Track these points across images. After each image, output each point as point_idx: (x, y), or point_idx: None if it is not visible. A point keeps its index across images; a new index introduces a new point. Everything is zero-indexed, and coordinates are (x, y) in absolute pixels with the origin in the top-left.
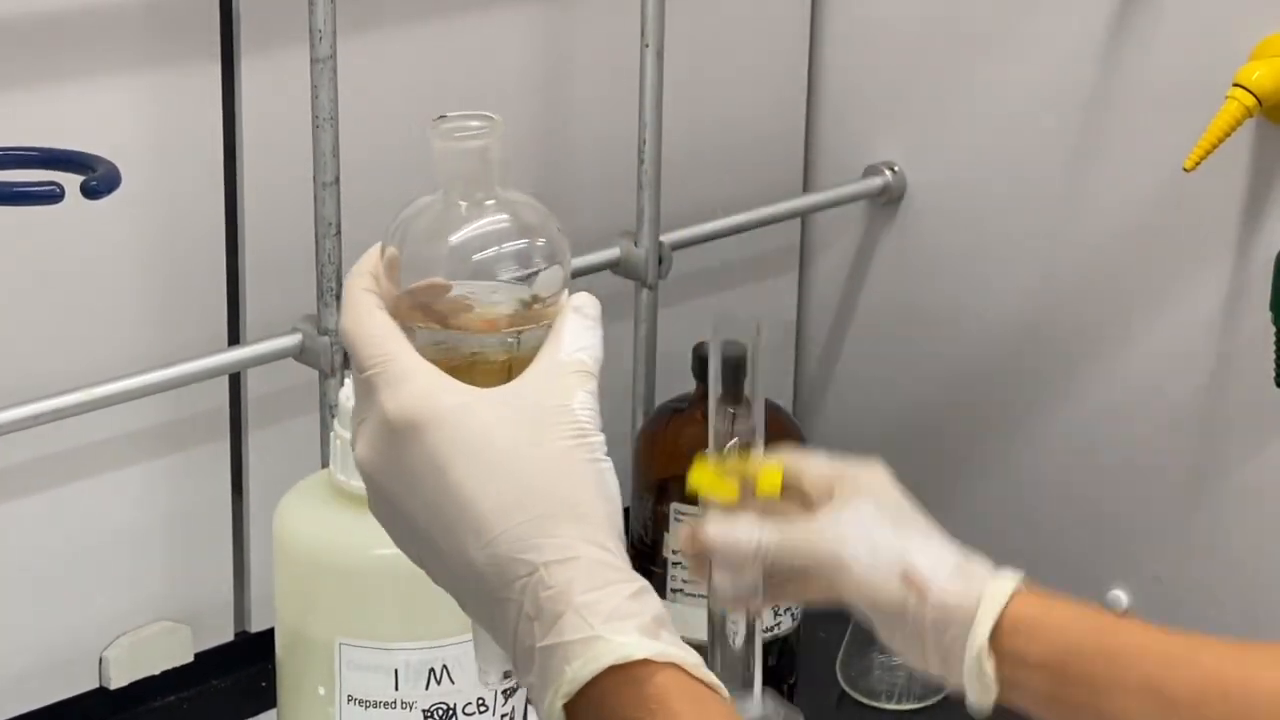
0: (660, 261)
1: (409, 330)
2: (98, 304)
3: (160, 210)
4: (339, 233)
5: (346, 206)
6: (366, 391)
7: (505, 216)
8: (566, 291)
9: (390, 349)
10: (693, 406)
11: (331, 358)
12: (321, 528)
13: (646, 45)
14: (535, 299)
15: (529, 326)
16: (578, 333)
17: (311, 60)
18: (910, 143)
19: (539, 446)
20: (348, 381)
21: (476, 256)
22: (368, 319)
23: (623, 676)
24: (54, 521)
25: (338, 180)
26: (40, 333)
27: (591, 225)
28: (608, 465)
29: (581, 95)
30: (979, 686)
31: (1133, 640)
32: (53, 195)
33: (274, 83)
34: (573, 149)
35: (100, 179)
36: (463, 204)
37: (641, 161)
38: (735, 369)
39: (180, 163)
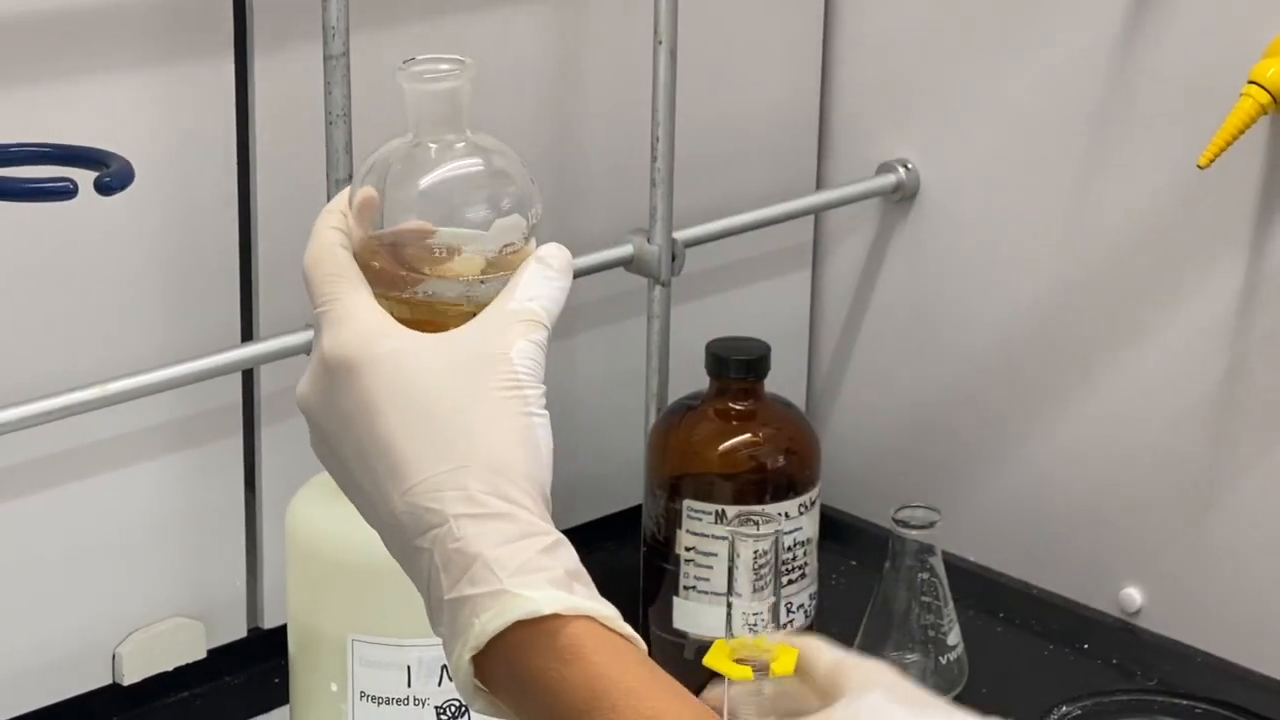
0: (673, 259)
1: (371, 273)
2: (111, 300)
3: (174, 206)
4: None
5: None
6: (315, 330)
7: (475, 160)
8: (534, 241)
9: (339, 290)
10: (705, 403)
11: None
12: (333, 524)
13: (660, 42)
14: (503, 247)
15: (492, 275)
16: (534, 282)
17: (325, 57)
18: (923, 140)
19: (469, 396)
20: None
21: (443, 200)
22: (327, 257)
23: (534, 629)
24: (67, 517)
25: (351, 176)
26: (54, 329)
27: (604, 222)
28: (541, 419)
29: (594, 92)
30: None
31: None
32: (66, 191)
33: (287, 79)
34: (586, 146)
35: (114, 175)
36: (432, 146)
37: (654, 159)
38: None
39: (194, 159)
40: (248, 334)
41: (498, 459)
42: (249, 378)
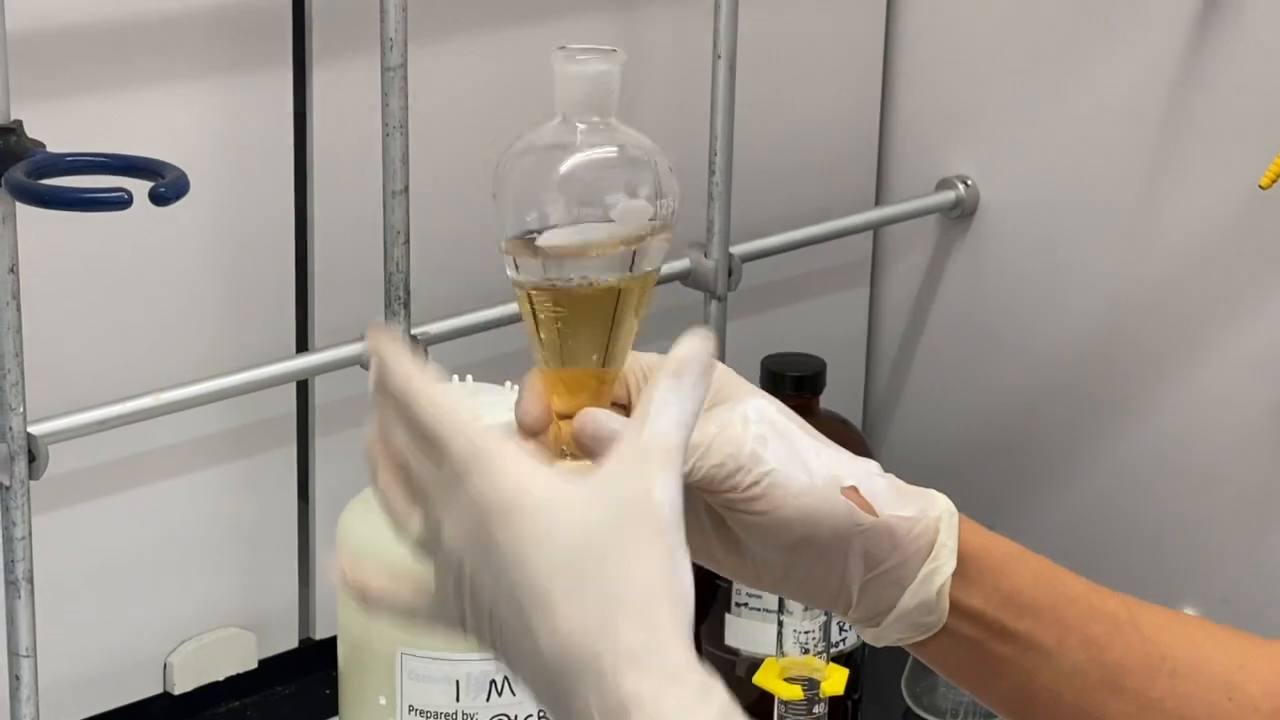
0: (730, 274)
1: (517, 266)
2: (168, 308)
3: (231, 216)
4: (408, 241)
5: (415, 215)
6: (454, 472)
7: (618, 146)
8: (668, 231)
9: (478, 433)
10: None
11: None
12: (384, 536)
13: (719, 56)
14: (652, 230)
15: (632, 266)
16: (664, 405)
17: (382, 68)
18: (984, 157)
19: (615, 544)
20: None
21: (586, 180)
22: (442, 398)
23: None
24: (121, 525)
25: (407, 189)
26: (110, 337)
27: None
28: (683, 560)
29: (652, 105)
30: (915, 625)
31: (1075, 594)
32: (121, 202)
33: (345, 90)
34: None
35: (169, 186)
36: (580, 127)
37: (712, 173)
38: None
39: (251, 169)
40: (303, 344)
41: (648, 604)
42: (304, 388)
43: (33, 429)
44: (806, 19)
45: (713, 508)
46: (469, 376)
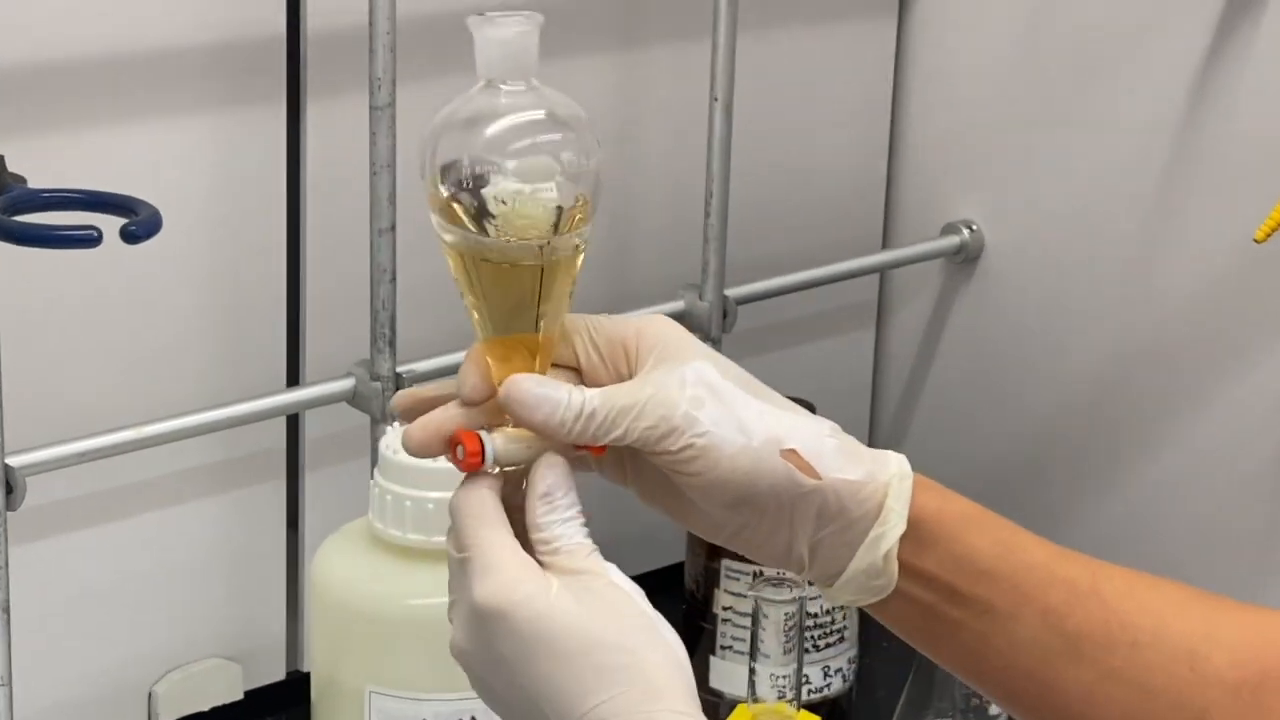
0: (725, 315)
1: (447, 230)
2: (159, 341)
3: (224, 250)
4: (394, 279)
5: (403, 253)
6: (460, 572)
7: (545, 108)
8: (598, 195)
9: (481, 536)
10: None
11: (383, 403)
12: (357, 574)
13: (715, 99)
14: (575, 200)
15: (563, 230)
16: (560, 525)
17: (370, 107)
18: (989, 202)
19: (602, 626)
20: (388, 430)
21: (512, 143)
22: (474, 501)
23: None
24: (109, 555)
25: (394, 227)
26: (101, 368)
27: (657, 276)
28: (663, 622)
29: (650, 145)
30: (865, 589)
31: (1036, 561)
32: (90, 240)
33: (339, 126)
34: (640, 199)
35: (140, 224)
36: (503, 89)
37: (707, 215)
38: None
39: (245, 204)
40: (294, 379)
41: (652, 675)
42: (294, 422)
43: (11, 460)
44: (815, 60)
45: (658, 490)
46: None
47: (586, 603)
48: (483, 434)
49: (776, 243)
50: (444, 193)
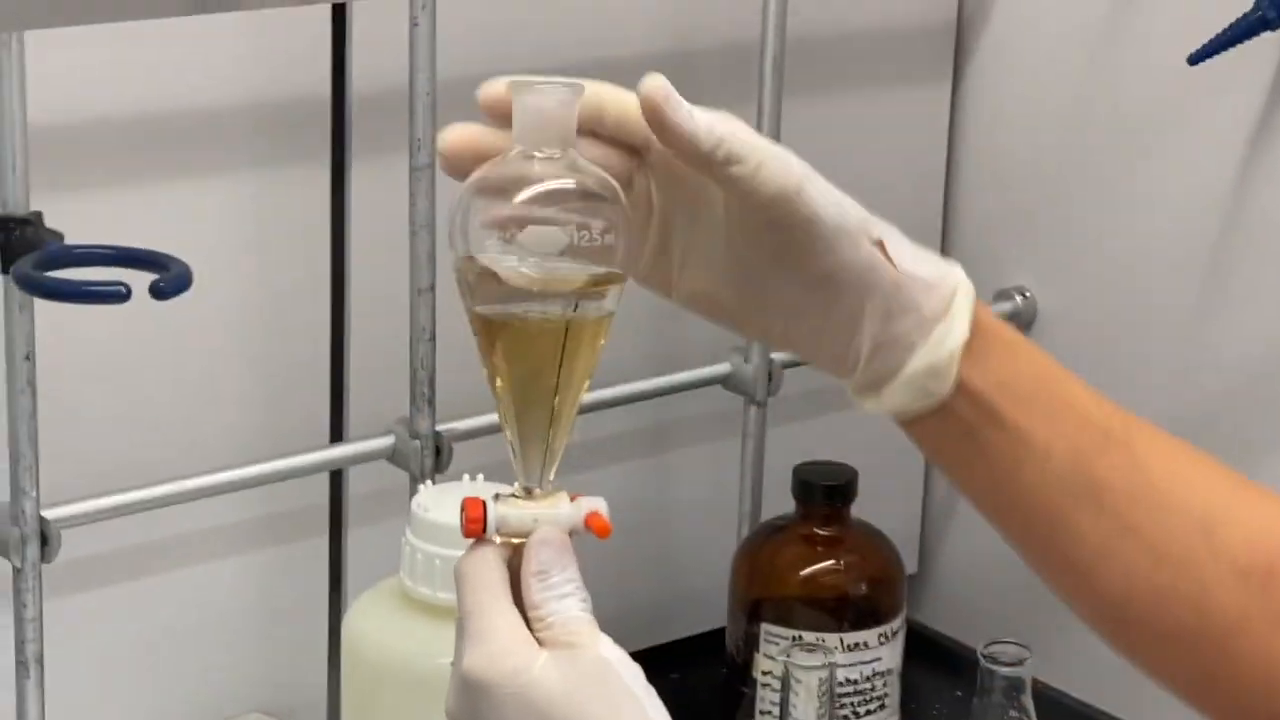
0: (770, 379)
1: (470, 291)
2: (203, 396)
3: (268, 306)
4: (433, 338)
5: (443, 312)
6: (458, 636)
7: (574, 181)
8: (629, 267)
9: (482, 603)
10: (791, 527)
11: (422, 461)
12: (388, 632)
13: None
14: (599, 271)
15: (588, 297)
16: (557, 599)
17: (410, 168)
18: (1042, 268)
19: (587, 701)
20: (421, 489)
21: (537, 215)
22: (480, 567)
23: None
24: (152, 609)
25: (433, 287)
26: (146, 422)
27: (702, 339)
28: (651, 699)
29: None
30: (920, 392)
31: (1074, 399)
32: (118, 295)
33: (382, 187)
34: None
35: (169, 280)
36: (537, 156)
37: None
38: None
39: (289, 261)
40: (337, 435)
41: None
42: (337, 478)
43: (47, 513)
44: (868, 126)
45: (732, 259)
46: (480, 475)
47: (572, 677)
48: (487, 501)
49: None
50: (466, 257)
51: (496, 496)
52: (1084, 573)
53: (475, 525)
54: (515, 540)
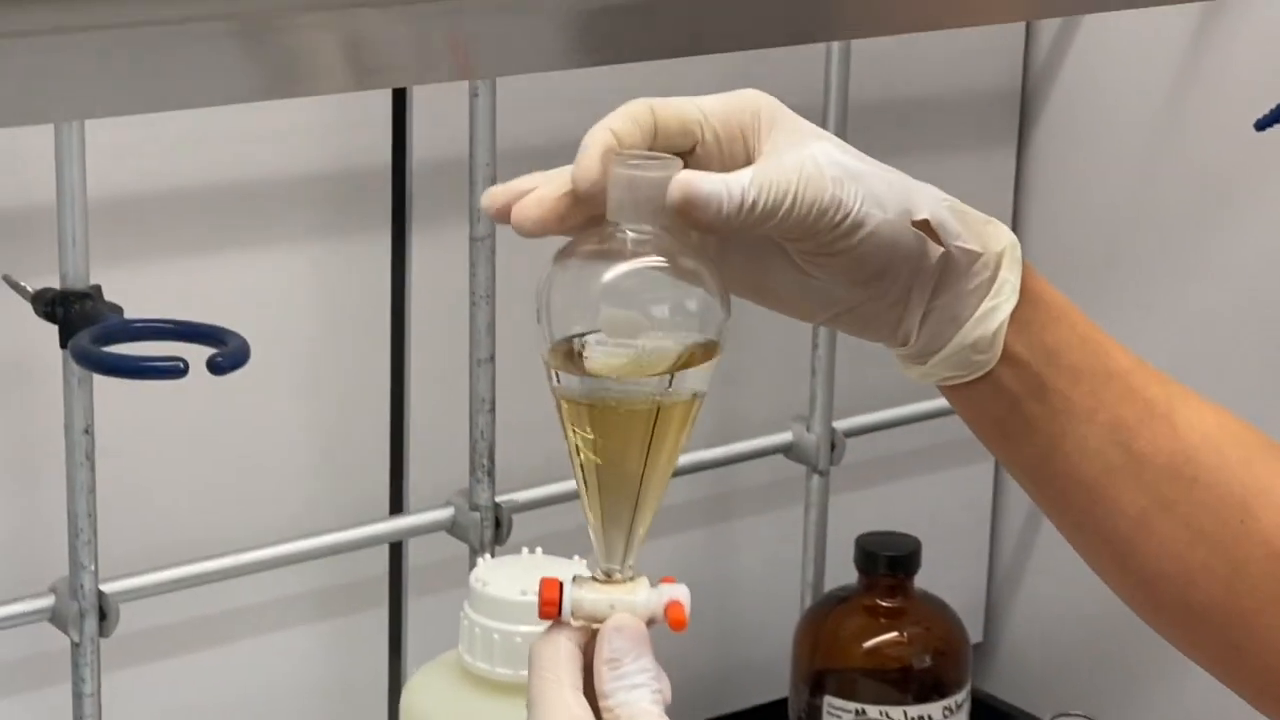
0: (833, 448)
1: (556, 371)
2: (263, 467)
3: (328, 377)
4: (493, 409)
5: (503, 382)
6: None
7: (665, 259)
8: (721, 346)
9: (548, 693)
10: (854, 598)
11: (481, 533)
12: (445, 707)
13: None
14: (687, 348)
15: (678, 378)
16: (629, 691)
17: (470, 239)
18: (1109, 330)
19: None
20: (480, 562)
21: (636, 291)
22: (551, 651)
23: None
24: (211, 682)
25: (493, 358)
26: (206, 494)
27: (765, 407)
28: None
29: None
30: (967, 363)
31: (1118, 369)
32: (175, 371)
33: (442, 257)
34: (748, 329)
35: (227, 355)
36: (630, 233)
37: (815, 347)
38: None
39: (350, 332)
40: (396, 506)
41: None
42: (396, 550)
43: (105, 587)
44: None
45: (775, 254)
46: (539, 549)
47: None
48: (564, 583)
49: (888, 374)
50: (551, 336)
51: (575, 579)
52: (1120, 546)
53: (551, 608)
54: (593, 625)
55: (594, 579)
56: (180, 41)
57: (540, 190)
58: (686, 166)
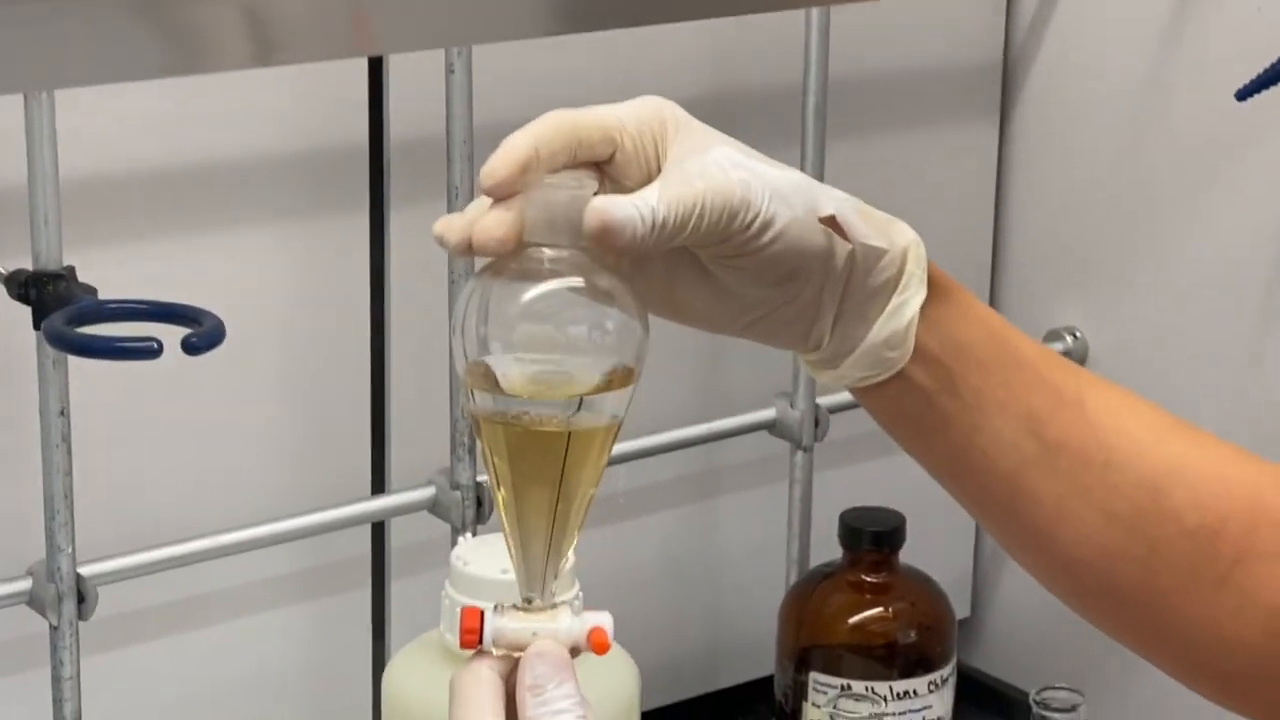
0: (817, 424)
1: (470, 391)
2: (244, 449)
3: (308, 358)
4: None
5: None
6: None
7: (582, 280)
8: (638, 370)
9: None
10: (838, 574)
11: (463, 512)
12: (427, 687)
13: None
14: (608, 372)
15: (590, 402)
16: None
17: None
18: (1093, 308)
19: None
20: (460, 542)
21: (552, 311)
22: (470, 679)
23: None
24: (192, 664)
25: None
26: (186, 476)
27: (748, 384)
28: None
29: None
30: (879, 362)
31: (1026, 359)
32: (149, 352)
33: (421, 237)
34: None
35: (202, 335)
36: (546, 253)
37: None
38: (883, 538)
39: (329, 312)
40: (379, 487)
41: None
42: (379, 530)
43: (83, 570)
44: (915, 167)
45: (686, 265)
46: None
47: None
48: (485, 612)
49: None
50: (469, 355)
51: (496, 607)
52: (1039, 534)
53: (471, 637)
54: (515, 654)
55: (516, 607)
56: (74, 17)
57: (498, 210)
58: (606, 173)
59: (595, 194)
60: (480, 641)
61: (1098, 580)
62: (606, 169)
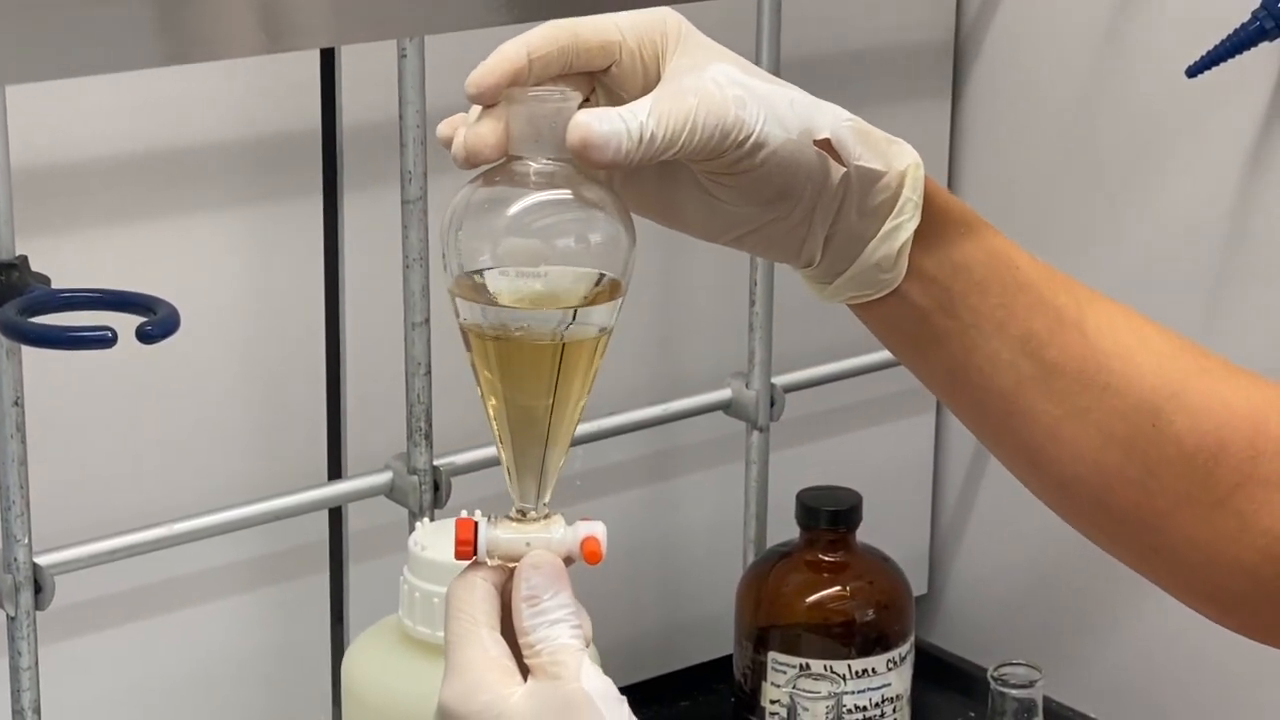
0: (772, 404)
1: (461, 306)
2: (200, 435)
3: (263, 344)
4: (429, 372)
5: (439, 346)
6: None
7: (569, 191)
8: (628, 278)
9: (463, 632)
10: (796, 554)
11: (420, 497)
12: (387, 672)
13: None
14: (596, 281)
15: (583, 313)
16: (549, 625)
17: (402, 201)
18: None
19: None
20: (418, 527)
21: (539, 223)
22: (468, 593)
23: None
24: (153, 651)
25: (428, 320)
26: (143, 464)
27: (703, 364)
28: None
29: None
30: (871, 282)
31: (1027, 281)
32: (104, 340)
33: (374, 222)
34: (686, 286)
35: (157, 323)
36: (531, 165)
37: (752, 304)
38: (840, 517)
39: (283, 296)
40: (335, 472)
41: None
42: (336, 516)
43: (40, 559)
44: None
45: (681, 173)
46: (477, 510)
47: (547, 712)
48: (479, 523)
49: (827, 329)
50: (458, 269)
51: (491, 518)
52: (1036, 453)
53: (466, 548)
54: (509, 564)
55: (509, 518)
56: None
57: (490, 119)
58: (602, 84)
59: (583, 104)
60: (475, 552)
61: (1094, 499)
62: (603, 79)
